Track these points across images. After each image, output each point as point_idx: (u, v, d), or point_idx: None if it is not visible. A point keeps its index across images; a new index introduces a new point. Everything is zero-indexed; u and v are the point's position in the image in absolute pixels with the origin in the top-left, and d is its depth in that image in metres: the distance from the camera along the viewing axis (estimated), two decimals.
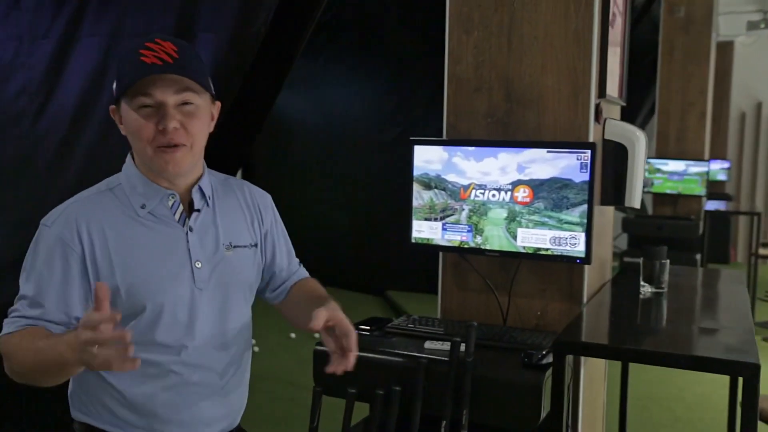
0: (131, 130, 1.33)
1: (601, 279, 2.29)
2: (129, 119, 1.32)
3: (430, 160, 2.08)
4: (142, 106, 1.30)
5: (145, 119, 1.31)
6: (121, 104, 1.33)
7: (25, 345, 1.26)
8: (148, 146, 1.32)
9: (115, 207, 1.37)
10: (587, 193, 1.90)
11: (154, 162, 1.34)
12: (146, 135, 1.31)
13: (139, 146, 1.34)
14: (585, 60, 2.01)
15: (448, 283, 2.22)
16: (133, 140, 1.35)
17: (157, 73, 1.28)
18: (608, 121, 2.16)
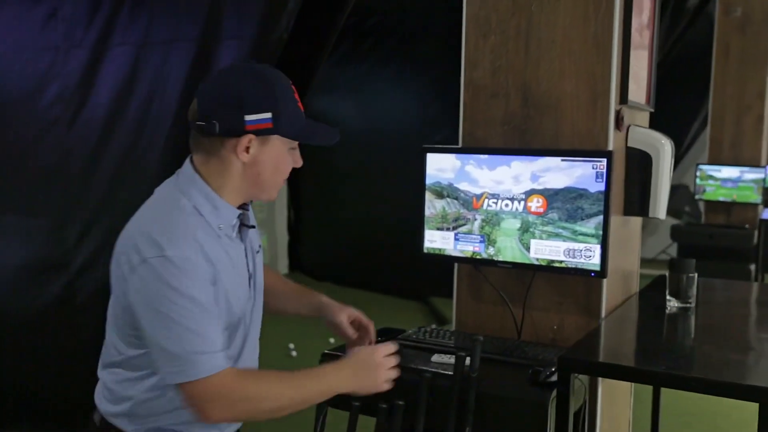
0: (280, 167, 1.44)
1: (625, 292, 2.20)
2: (281, 157, 1.43)
3: (442, 168, 2.03)
4: (292, 148, 1.46)
5: (290, 158, 1.46)
6: (273, 139, 1.41)
7: (275, 386, 1.39)
8: (282, 180, 1.47)
9: (205, 228, 1.39)
10: (603, 203, 1.82)
11: (273, 191, 1.47)
12: (288, 171, 1.47)
13: (277, 182, 1.46)
14: (605, 64, 1.93)
15: (463, 294, 2.17)
16: (274, 176, 1.44)
17: (336, 140, 1.51)
18: (632, 128, 2.07)
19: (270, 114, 1.37)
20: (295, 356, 4.61)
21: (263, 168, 1.42)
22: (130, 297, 1.34)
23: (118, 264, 1.37)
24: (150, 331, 1.32)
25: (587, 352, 1.69)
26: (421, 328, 2.07)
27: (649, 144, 2.03)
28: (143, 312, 1.32)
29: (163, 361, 1.33)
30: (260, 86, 1.39)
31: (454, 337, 1.99)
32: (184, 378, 1.31)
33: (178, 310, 1.29)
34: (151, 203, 1.44)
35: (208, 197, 1.41)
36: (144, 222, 1.38)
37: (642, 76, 2.13)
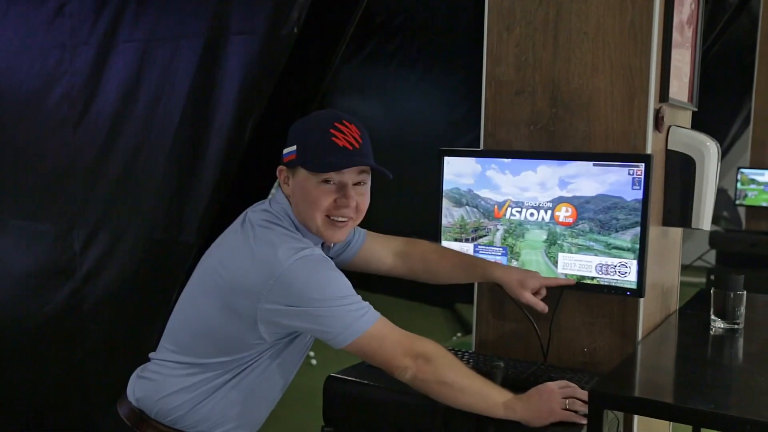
0: (309, 197, 1.46)
1: (664, 310, 1.99)
2: (308, 187, 1.46)
3: (461, 173, 1.84)
4: (325, 181, 1.46)
5: (326, 192, 1.46)
6: (299, 172, 1.47)
7: (459, 371, 1.45)
8: (320, 214, 1.47)
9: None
10: (640, 213, 1.61)
11: (320, 229, 1.48)
12: (324, 206, 1.46)
13: (309, 212, 1.47)
14: (643, 58, 1.72)
15: (484, 312, 1.98)
16: (306, 205, 1.47)
17: (355, 165, 1.46)
18: (673, 129, 1.86)
19: (295, 146, 1.47)
20: (315, 365, 4.48)
21: (297, 199, 1.49)
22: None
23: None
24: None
25: (621, 382, 1.49)
26: None
27: (692, 146, 1.82)
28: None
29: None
30: (302, 122, 1.53)
31: (473, 360, 1.80)
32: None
33: None
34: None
35: (295, 224, 1.52)
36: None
37: (684, 71, 1.92)
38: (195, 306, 1.52)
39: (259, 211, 1.53)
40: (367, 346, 1.41)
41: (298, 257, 1.40)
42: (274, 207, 1.53)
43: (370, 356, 1.44)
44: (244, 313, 1.43)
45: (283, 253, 1.40)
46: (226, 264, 1.47)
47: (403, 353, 1.42)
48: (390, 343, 1.42)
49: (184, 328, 1.55)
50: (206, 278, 1.51)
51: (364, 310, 1.42)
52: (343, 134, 1.46)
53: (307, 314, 1.40)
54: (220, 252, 1.52)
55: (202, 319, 1.49)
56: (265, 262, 1.40)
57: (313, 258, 1.42)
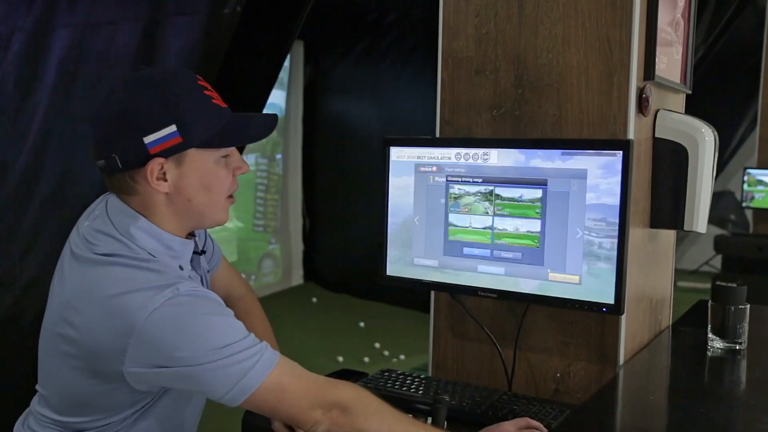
0: (213, 184, 1.18)
1: (653, 327, 1.70)
2: (209, 171, 1.17)
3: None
4: (224, 156, 1.19)
5: (225, 169, 1.20)
6: (189, 155, 1.15)
7: (386, 419, 1.16)
8: (225, 200, 1.22)
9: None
10: (618, 212, 1.33)
11: (222, 217, 1.22)
12: (228, 186, 1.21)
13: (216, 201, 1.20)
14: (623, 28, 1.44)
15: (441, 329, 1.69)
16: (210, 195, 1.19)
17: (269, 134, 1.22)
18: (661, 113, 1.57)
19: (174, 126, 1.12)
20: (342, 361, 4.23)
21: (192, 192, 1.18)
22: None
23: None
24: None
25: (595, 421, 1.20)
26: (386, 373, 1.61)
27: (684, 133, 1.53)
28: None
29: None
30: (153, 96, 1.13)
31: (424, 387, 1.51)
32: None
33: None
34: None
35: (162, 241, 1.18)
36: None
37: (675, 45, 1.64)
38: (57, 369, 1.18)
39: (94, 232, 1.17)
40: (264, 402, 1.11)
41: (158, 305, 1.07)
42: (116, 222, 1.17)
43: (270, 412, 1.15)
44: (112, 376, 1.13)
45: (138, 300, 1.07)
46: (71, 321, 1.13)
47: (311, 405, 1.12)
48: (292, 395, 1.12)
49: (55, 394, 1.22)
50: (56, 338, 1.16)
51: (254, 358, 1.10)
52: (210, 90, 1.17)
53: (181, 375, 1.08)
54: (60, 300, 1.17)
55: (72, 387, 1.18)
56: (115, 316, 1.08)
57: (178, 300, 1.09)
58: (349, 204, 6.44)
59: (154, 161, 1.13)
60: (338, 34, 6.31)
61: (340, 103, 6.52)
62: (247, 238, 6.21)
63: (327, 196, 6.72)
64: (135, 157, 1.13)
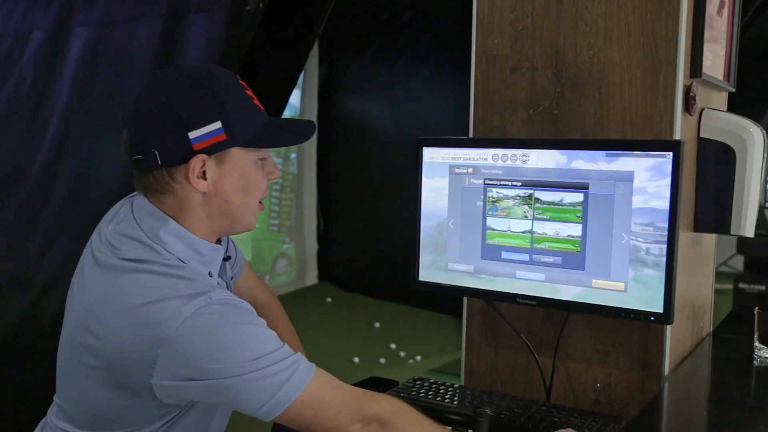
0: (250, 186, 1.15)
1: (695, 335, 1.63)
2: (246, 171, 1.13)
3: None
4: (261, 159, 1.16)
5: (261, 172, 1.16)
6: (231, 154, 1.11)
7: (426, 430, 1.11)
8: (257, 203, 1.18)
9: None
10: (667, 216, 1.26)
11: (252, 221, 1.18)
12: (262, 189, 1.17)
13: (250, 203, 1.16)
14: (670, 22, 1.37)
15: (474, 336, 1.63)
16: (245, 197, 1.15)
17: (310, 137, 1.19)
18: (707, 112, 1.50)
19: (219, 123, 1.08)
20: (357, 362, 4.18)
21: (230, 193, 1.13)
22: None
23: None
24: None
25: None
26: (418, 381, 1.55)
27: (731, 134, 1.46)
28: None
29: None
30: (198, 91, 1.09)
31: (459, 396, 1.46)
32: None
33: None
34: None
35: (193, 246, 1.13)
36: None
37: (719, 41, 1.57)
38: (78, 382, 1.13)
39: (119, 237, 1.12)
40: (300, 416, 1.05)
41: (190, 314, 1.02)
42: (144, 225, 1.12)
43: (306, 426, 1.08)
44: (139, 389, 1.07)
45: (169, 309, 1.02)
46: (95, 330, 1.07)
47: (350, 419, 1.06)
48: (330, 409, 1.06)
49: (76, 407, 1.17)
50: (78, 348, 1.10)
51: (290, 370, 1.05)
52: (249, 90, 1.14)
53: (213, 388, 1.02)
54: (82, 309, 1.11)
55: (95, 401, 1.12)
56: (144, 326, 1.02)
57: (210, 309, 1.03)
58: (363, 203, 6.39)
59: (197, 157, 1.08)
60: (353, 33, 6.26)
61: (355, 102, 6.48)
62: (261, 237, 6.18)
63: (341, 196, 6.68)
64: (177, 153, 1.08)
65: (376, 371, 3.97)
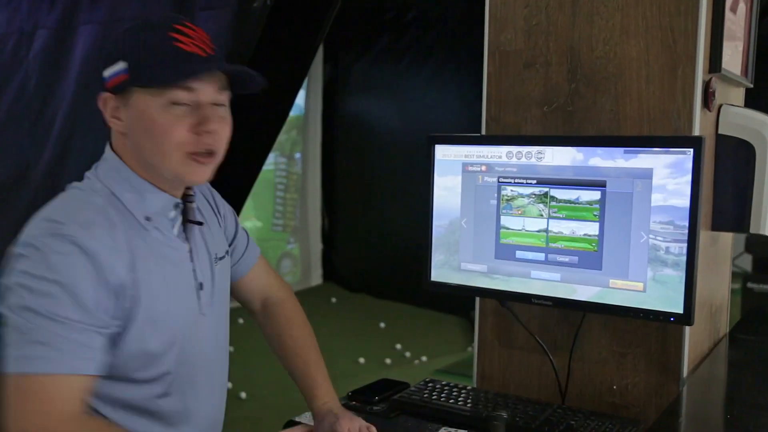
0: (154, 130, 1.07)
1: (712, 335, 1.60)
2: (150, 116, 1.07)
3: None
4: (175, 103, 1.07)
5: (177, 119, 1.07)
6: (134, 95, 1.08)
7: None
8: (176, 152, 1.08)
9: (120, 222, 1.09)
10: (687, 215, 1.23)
11: (176, 169, 1.10)
12: (178, 139, 1.08)
13: (162, 150, 1.08)
14: (689, 16, 1.34)
15: (487, 337, 1.60)
16: (154, 142, 1.08)
17: (211, 70, 1.08)
18: (725, 108, 1.47)
19: (125, 63, 1.06)
20: (363, 363, 4.17)
21: (138, 136, 1.10)
22: None
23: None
24: None
25: None
26: (429, 383, 1.52)
27: (750, 130, 1.43)
28: None
29: None
30: (122, 34, 1.11)
31: (472, 400, 1.43)
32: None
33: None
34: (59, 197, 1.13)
35: (129, 182, 1.12)
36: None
37: (737, 35, 1.54)
38: None
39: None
40: (5, 390, 0.99)
41: (29, 236, 1.02)
42: (100, 165, 1.14)
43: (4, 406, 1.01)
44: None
45: (28, 229, 1.04)
46: None
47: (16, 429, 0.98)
48: (22, 408, 0.98)
49: None
50: None
51: (43, 349, 0.98)
52: (189, 38, 1.08)
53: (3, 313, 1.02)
54: None
55: None
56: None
57: (39, 241, 1.00)
58: (368, 203, 6.36)
59: (104, 95, 1.11)
60: (357, 33, 6.23)
61: (360, 101, 6.45)
62: (265, 237, 6.15)
63: (346, 196, 6.65)
64: (101, 92, 1.13)
65: (382, 372, 3.94)
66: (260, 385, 3.65)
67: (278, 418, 1.43)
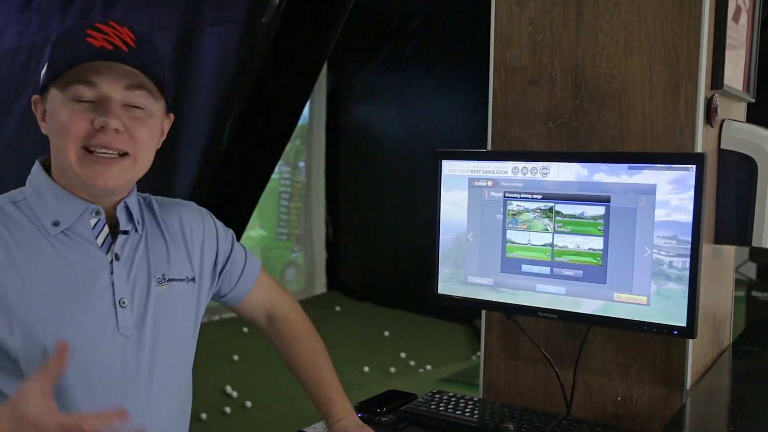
0: (56, 125, 1.05)
1: (715, 347, 1.62)
2: (56, 111, 1.05)
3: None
4: (77, 99, 1.04)
5: (78, 113, 1.04)
6: (50, 93, 1.06)
7: None
8: (73, 147, 1.04)
9: (17, 224, 1.06)
10: (690, 230, 1.26)
11: (78, 170, 1.05)
12: (75, 132, 1.04)
13: (62, 146, 1.05)
14: (691, 34, 1.37)
15: (493, 349, 1.63)
16: (57, 139, 1.06)
17: (107, 60, 1.02)
18: (727, 123, 1.50)
19: (46, 65, 1.08)
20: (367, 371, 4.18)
21: (50, 135, 1.08)
22: None
23: None
24: None
25: None
26: (437, 394, 1.54)
27: (752, 145, 1.46)
28: None
29: None
30: (65, 33, 1.12)
31: (479, 411, 1.45)
32: None
33: None
34: None
35: (39, 188, 1.10)
36: None
37: (739, 51, 1.56)
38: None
39: None
40: None
41: None
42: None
43: None
44: None
45: None
46: None
47: None
48: None
49: None
50: None
51: None
52: (104, 34, 1.04)
53: None
54: None
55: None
56: None
57: None
58: (372, 212, 6.39)
59: (34, 97, 1.11)
60: (361, 42, 6.27)
61: (364, 110, 6.49)
62: (270, 246, 6.18)
63: (350, 204, 6.67)
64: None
65: (387, 381, 3.96)
66: (265, 394, 3.67)
67: (284, 427, 1.44)
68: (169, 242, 1.20)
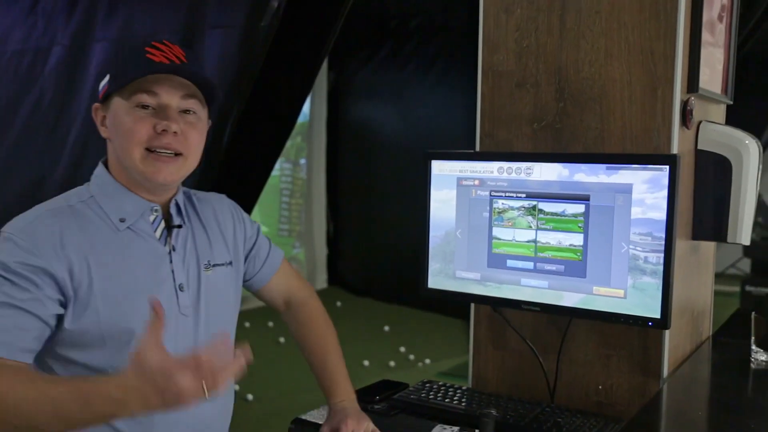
0: (121, 129, 1.19)
1: (694, 339, 1.69)
2: (120, 117, 1.19)
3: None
4: (140, 106, 1.19)
5: (142, 119, 1.18)
6: (113, 102, 1.20)
7: (21, 393, 1.02)
8: (138, 148, 1.19)
9: (91, 221, 1.20)
10: (664, 227, 1.33)
11: (142, 167, 1.20)
12: (139, 136, 1.18)
13: (127, 148, 1.19)
14: (667, 40, 1.44)
15: (481, 340, 1.70)
16: (122, 141, 1.20)
17: (166, 72, 1.18)
18: (704, 125, 1.57)
19: (109, 76, 1.23)
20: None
21: (114, 138, 1.22)
22: None
23: None
24: None
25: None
26: (427, 384, 1.62)
27: (727, 146, 1.53)
28: None
29: None
30: (115, 53, 1.27)
31: (466, 399, 1.52)
32: None
33: None
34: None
35: (104, 187, 1.23)
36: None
37: (716, 56, 1.63)
38: None
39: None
40: None
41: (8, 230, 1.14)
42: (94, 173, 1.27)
43: None
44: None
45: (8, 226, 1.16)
46: None
47: None
48: None
49: None
50: None
51: None
52: (161, 51, 1.19)
53: None
54: None
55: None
56: None
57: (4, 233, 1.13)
58: (373, 208, 6.45)
59: (95, 105, 1.25)
60: (361, 40, 6.33)
61: (364, 108, 6.55)
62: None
63: (351, 201, 6.73)
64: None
65: (386, 374, 4.04)
66: (267, 387, 3.75)
67: (285, 419, 1.52)
68: (209, 231, 1.35)
